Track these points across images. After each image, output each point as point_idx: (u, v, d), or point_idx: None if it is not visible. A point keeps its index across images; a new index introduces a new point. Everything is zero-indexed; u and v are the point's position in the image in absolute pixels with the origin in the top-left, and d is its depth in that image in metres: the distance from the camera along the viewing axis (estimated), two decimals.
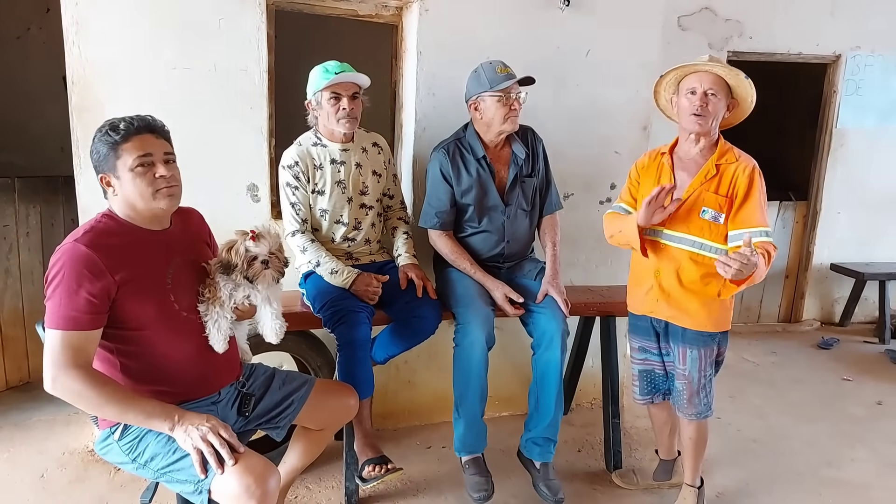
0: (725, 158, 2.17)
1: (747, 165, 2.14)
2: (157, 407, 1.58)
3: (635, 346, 2.45)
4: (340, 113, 2.38)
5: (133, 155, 1.62)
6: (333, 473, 2.62)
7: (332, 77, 2.34)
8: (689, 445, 2.38)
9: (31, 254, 3.29)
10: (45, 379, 1.53)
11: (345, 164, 2.48)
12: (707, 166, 2.17)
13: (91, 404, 1.55)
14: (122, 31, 2.51)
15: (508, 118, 2.46)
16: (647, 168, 2.35)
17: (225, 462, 1.53)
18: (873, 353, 4.42)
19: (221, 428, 1.57)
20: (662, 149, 2.33)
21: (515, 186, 2.59)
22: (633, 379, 2.49)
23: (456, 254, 2.56)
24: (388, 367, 2.86)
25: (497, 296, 2.50)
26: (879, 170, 4.81)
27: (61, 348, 1.52)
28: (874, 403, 3.57)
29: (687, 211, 2.18)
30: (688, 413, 2.31)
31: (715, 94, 2.11)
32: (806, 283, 4.97)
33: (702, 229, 2.16)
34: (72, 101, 2.51)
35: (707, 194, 2.15)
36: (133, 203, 1.67)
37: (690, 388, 2.28)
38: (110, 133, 1.62)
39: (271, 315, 1.89)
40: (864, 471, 2.85)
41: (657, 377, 2.43)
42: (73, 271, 1.53)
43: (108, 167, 1.64)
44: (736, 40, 4.41)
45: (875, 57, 4.61)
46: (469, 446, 2.36)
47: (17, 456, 2.70)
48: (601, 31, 3.03)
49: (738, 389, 3.70)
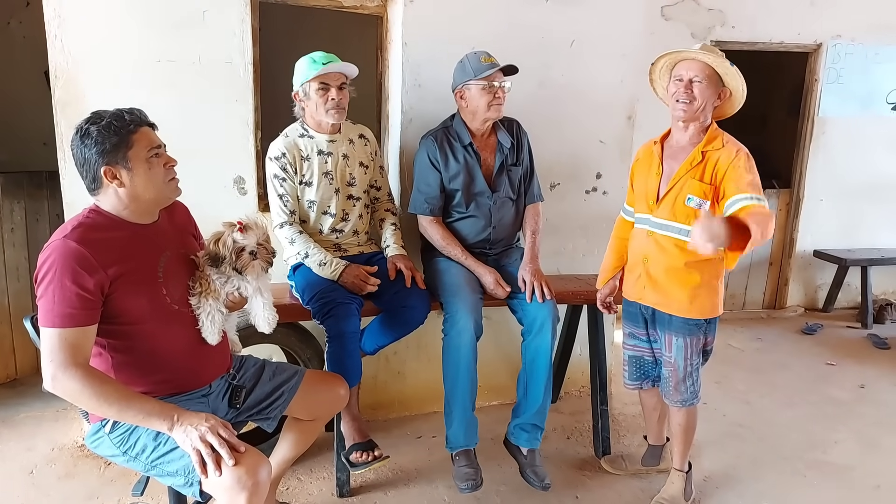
0: (712, 146, 2.16)
1: (731, 151, 2.13)
2: (156, 406, 1.57)
3: (626, 331, 2.48)
4: (329, 103, 2.38)
5: (146, 145, 1.63)
6: (324, 464, 2.63)
7: (320, 67, 2.34)
8: (677, 431, 2.42)
9: (16, 249, 3.26)
10: (44, 378, 1.51)
11: (332, 154, 2.49)
12: (693, 153, 2.18)
13: (90, 403, 1.53)
14: (104, 24, 2.49)
15: (492, 105, 2.50)
16: (640, 162, 2.38)
17: (224, 462, 1.51)
18: (856, 338, 4.49)
19: (221, 427, 1.56)
20: (656, 138, 2.34)
21: (502, 173, 2.63)
22: (623, 364, 2.52)
23: (446, 240, 2.58)
24: (377, 357, 2.87)
25: (488, 280, 2.52)
26: (861, 157, 4.87)
27: (59, 347, 1.50)
28: (857, 387, 3.63)
29: (673, 198, 2.20)
30: (674, 400, 2.35)
31: (701, 82, 2.12)
32: (790, 269, 5.03)
33: (688, 217, 2.16)
34: (55, 96, 2.48)
35: (692, 181, 2.16)
36: (140, 194, 1.65)
37: (676, 376, 2.31)
38: (122, 123, 1.60)
39: (263, 305, 1.90)
40: (847, 453, 2.91)
41: (646, 363, 2.46)
42: (65, 268, 1.52)
43: (118, 158, 1.60)
44: (719, 29, 4.45)
45: (855, 45, 4.66)
46: (461, 443, 2.37)
47: (5, 452, 2.68)
48: (585, 22, 3.05)
49: (724, 375, 3.75)
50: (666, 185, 2.22)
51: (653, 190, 2.26)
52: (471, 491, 2.29)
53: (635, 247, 2.37)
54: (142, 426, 1.60)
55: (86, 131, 1.60)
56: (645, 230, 2.30)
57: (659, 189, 2.24)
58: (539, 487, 2.36)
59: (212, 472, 1.51)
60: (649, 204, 2.28)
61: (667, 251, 2.23)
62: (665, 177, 2.23)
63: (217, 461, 1.51)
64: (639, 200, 2.36)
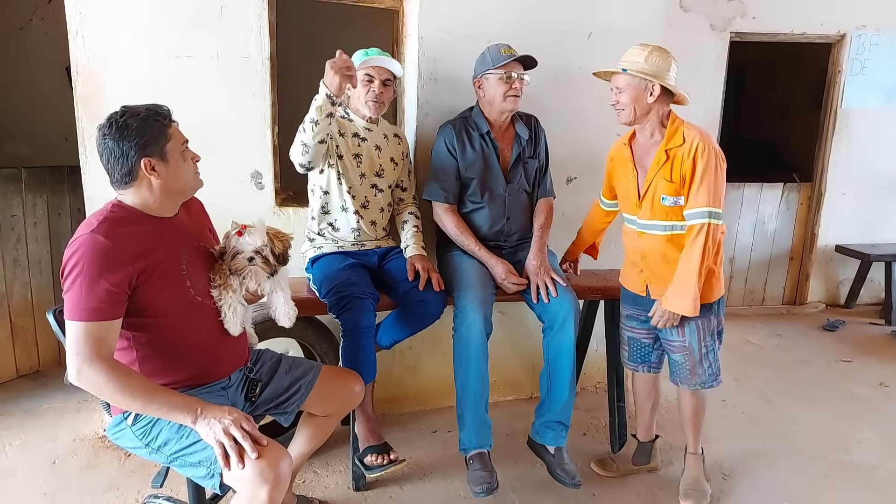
0: (673, 142, 2.22)
1: (691, 146, 2.17)
2: (179, 399, 1.58)
3: (625, 313, 2.53)
4: (370, 94, 2.46)
5: (180, 138, 1.71)
6: (340, 458, 2.65)
7: (367, 58, 2.44)
8: (690, 415, 2.44)
9: (38, 243, 3.32)
10: (69, 371, 1.53)
11: (366, 141, 2.53)
12: (658, 154, 2.25)
13: (115, 396, 1.55)
14: (124, 21, 2.51)
15: (508, 96, 2.51)
16: (614, 162, 2.47)
17: (247, 455, 1.52)
18: (879, 335, 4.42)
19: (244, 420, 1.57)
20: (624, 139, 2.43)
21: (518, 165, 2.64)
22: (623, 344, 2.56)
23: (460, 229, 2.58)
24: (392, 352, 2.88)
25: (498, 271, 2.51)
26: (884, 150, 4.78)
27: (85, 340, 1.52)
28: (879, 385, 3.57)
29: (650, 200, 2.27)
30: (691, 383, 2.36)
31: (622, 91, 2.25)
32: (811, 264, 4.96)
33: (667, 213, 2.25)
34: (76, 91, 2.51)
35: (663, 182, 2.22)
36: (172, 186, 1.70)
37: (692, 359, 2.32)
38: (158, 117, 1.65)
39: (283, 299, 1.92)
40: (870, 452, 2.86)
41: (644, 346, 2.49)
42: (93, 262, 1.53)
43: (157, 150, 1.64)
44: (739, 21, 4.38)
45: (881, 36, 4.57)
46: (474, 445, 2.34)
47: (28, 443, 2.73)
48: (603, 14, 3.01)
49: (743, 372, 3.71)
50: (643, 188, 2.30)
51: (633, 193, 2.34)
52: (485, 495, 2.23)
53: (630, 245, 2.42)
54: (165, 419, 1.61)
55: (123, 124, 1.61)
56: (635, 230, 2.37)
57: (638, 191, 2.32)
58: (570, 485, 2.32)
59: (234, 464, 1.52)
60: (632, 206, 2.36)
61: (662, 246, 2.29)
62: (640, 179, 2.32)
63: (240, 454, 1.53)
64: (623, 202, 2.45)
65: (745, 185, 4.86)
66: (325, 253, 2.52)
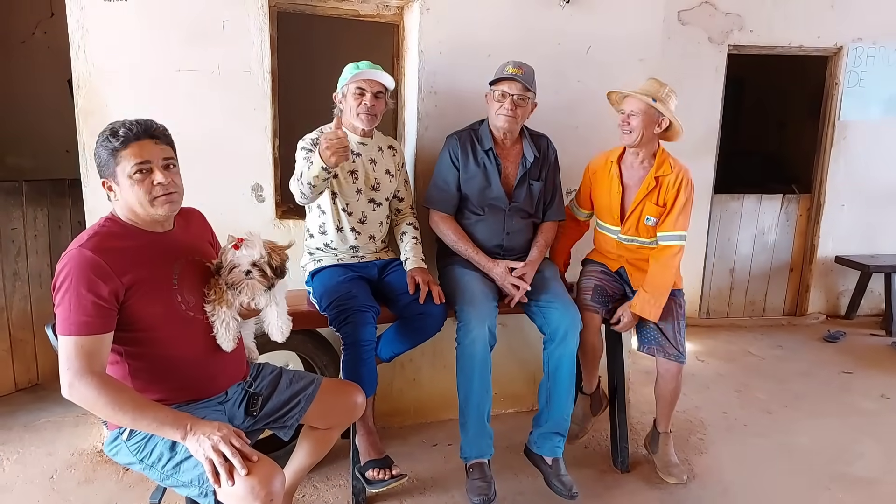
0: (662, 171, 2.52)
1: (677, 177, 2.50)
2: (169, 415, 1.57)
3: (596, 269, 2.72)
4: (361, 107, 2.43)
5: (131, 162, 1.63)
6: (340, 472, 2.63)
7: (358, 71, 2.42)
8: (668, 397, 2.64)
9: (38, 256, 3.31)
10: (62, 385, 1.53)
11: (360, 156, 2.52)
12: (648, 179, 2.53)
13: (105, 411, 1.55)
14: (126, 35, 2.53)
15: (499, 114, 2.50)
16: (597, 174, 2.68)
17: (237, 472, 1.51)
18: (880, 346, 4.41)
19: (234, 437, 1.55)
20: (611, 156, 2.64)
21: (523, 186, 2.62)
22: (586, 290, 2.66)
23: (458, 235, 2.59)
24: (393, 364, 2.87)
25: (497, 272, 2.52)
26: (883, 161, 4.80)
27: (76, 354, 1.52)
28: (880, 397, 3.56)
29: (636, 220, 2.57)
30: (672, 354, 2.57)
31: (637, 116, 2.47)
32: (811, 276, 4.96)
33: (648, 231, 2.59)
34: (78, 105, 2.53)
35: (650, 205, 2.54)
36: (133, 208, 1.69)
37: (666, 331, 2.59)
38: (110, 139, 1.63)
39: (276, 315, 1.89)
40: (872, 465, 2.85)
41: (607, 294, 2.68)
42: (80, 276, 1.54)
43: (109, 173, 1.66)
44: (736, 34, 4.41)
45: (877, 48, 4.60)
46: (475, 453, 2.35)
47: (26, 457, 2.72)
48: (602, 28, 3.03)
49: (744, 384, 3.70)
50: (629, 207, 2.57)
51: (616, 208, 2.60)
52: None
53: (608, 247, 2.73)
54: (156, 435, 1.61)
55: (96, 143, 1.67)
56: (615, 239, 2.66)
57: (623, 209, 2.59)
58: (566, 497, 2.32)
59: (225, 481, 1.51)
60: (613, 219, 2.63)
61: (641, 252, 2.65)
62: (626, 198, 2.59)
63: (229, 471, 1.51)
64: (602, 212, 2.70)
65: (745, 196, 4.87)
66: (324, 266, 2.52)
